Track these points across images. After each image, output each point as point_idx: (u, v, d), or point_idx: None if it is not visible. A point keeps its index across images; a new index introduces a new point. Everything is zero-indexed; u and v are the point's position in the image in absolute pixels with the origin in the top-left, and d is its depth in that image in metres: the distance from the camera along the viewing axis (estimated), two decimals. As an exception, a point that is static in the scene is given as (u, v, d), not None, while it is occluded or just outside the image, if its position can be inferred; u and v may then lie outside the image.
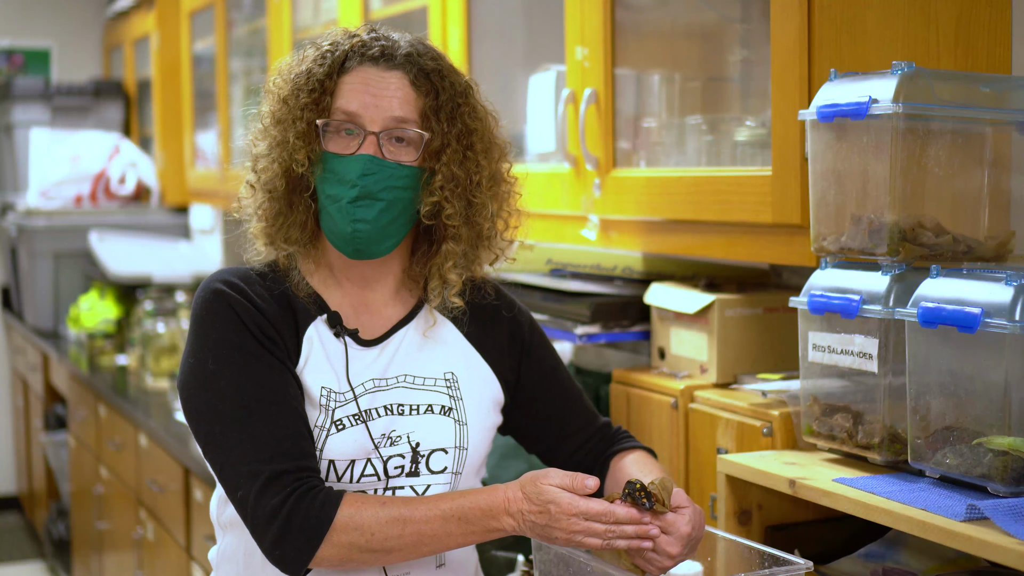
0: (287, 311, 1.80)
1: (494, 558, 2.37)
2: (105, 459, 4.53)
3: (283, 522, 1.66)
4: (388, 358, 1.83)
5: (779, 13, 1.96)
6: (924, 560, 1.87)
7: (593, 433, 1.97)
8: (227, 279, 1.80)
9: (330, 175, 1.76)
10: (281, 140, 1.79)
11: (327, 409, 1.77)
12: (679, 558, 1.65)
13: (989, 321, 1.57)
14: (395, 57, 1.78)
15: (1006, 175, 1.87)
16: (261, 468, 1.68)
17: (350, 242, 1.77)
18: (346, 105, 1.76)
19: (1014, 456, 1.59)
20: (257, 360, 1.74)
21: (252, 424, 1.70)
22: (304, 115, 1.77)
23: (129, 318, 5.04)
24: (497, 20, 3.11)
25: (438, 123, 1.78)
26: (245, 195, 1.86)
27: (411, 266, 1.89)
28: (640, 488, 1.63)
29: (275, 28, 4.18)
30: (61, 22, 6.89)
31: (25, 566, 5.90)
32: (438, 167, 1.79)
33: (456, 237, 1.82)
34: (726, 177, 2.12)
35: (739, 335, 2.24)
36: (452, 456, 1.82)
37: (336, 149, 1.76)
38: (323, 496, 1.68)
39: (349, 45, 1.80)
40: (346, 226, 1.76)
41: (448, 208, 1.79)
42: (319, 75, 1.77)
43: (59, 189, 5.69)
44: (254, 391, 1.72)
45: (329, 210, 1.77)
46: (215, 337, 1.75)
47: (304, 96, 1.77)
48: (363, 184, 1.74)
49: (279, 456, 1.69)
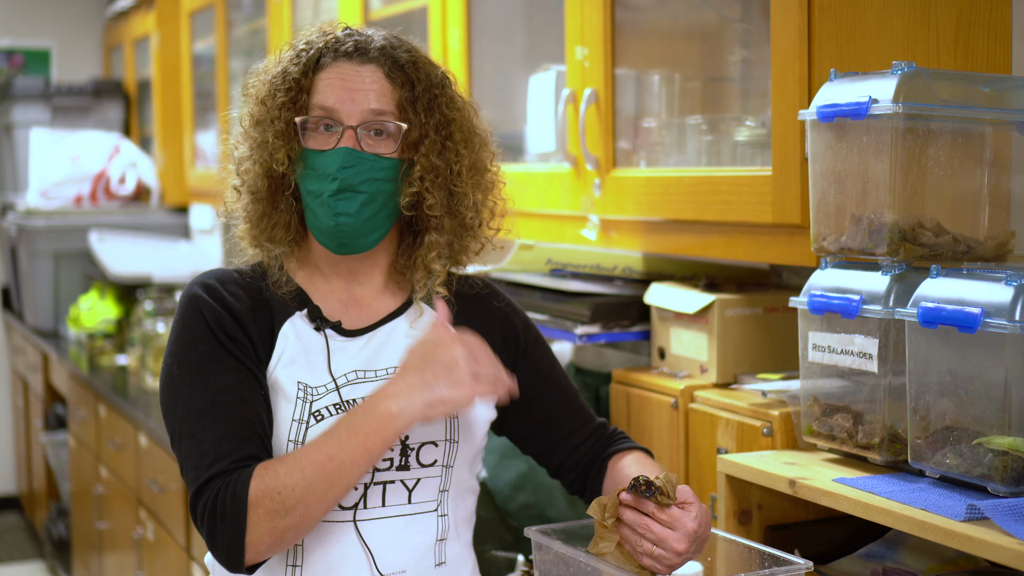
0: (262, 309, 1.81)
1: (494, 558, 2.37)
2: (105, 459, 4.53)
3: (209, 521, 1.68)
4: (375, 349, 1.83)
5: (779, 13, 1.96)
6: (924, 560, 1.87)
7: (590, 434, 1.96)
8: (204, 281, 1.82)
9: (310, 171, 1.78)
10: (261, 141, 1.80)
11: (304, 402, 1.77)
12: (686, 556, 1.65)
13: (989, 321, 1.57)
14: (369, 51, 1.80)
15: (1006, 175, 1.88)
16: (201, 473, 1.70)
17: (334, 236, 1.78)
18: (323, 101, 1.78)
19: (1014, 456, 1.59)
20: (215, 363, 1.75)
21: (201, 428, 1.72)
22: (282, 114, 1.78)
23: (129, 318, 5.04)
24: (497, 20, 3.11)
25: (415, 114, 1.80)
26: (231, 198, 1.88)
27: (398, 259, 1.90)
28: (645, 481, 1.63)
29: (275, 28, 4.18)
30: (61, 22, 6.89)
31: (25, 566, 5.90)
32: (417, 158, 1.80)
33: (439, 228, 1.84)
34: (726, 177, 2.12)
35: (739, 335, 2.24)
36: (442, 449, 1.82)
37: (315, 145, 1.78)
38: (235, 479, 1.67)
39: (323, 43, 1.81)
40: (329, 220, 1.77)
41: (429, 198, 1.81)
42: (294, 74, 1.79)
43: (59, 189, 5.69)
44: (208, 395, 1.74)
45: (311, 206, 1.79)
46: (182, 341, 1.78)
47: (281, 95, 1.79)
48: (343, 177, 1.76)
49: (220, 459, 1.70)
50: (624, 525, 1.66)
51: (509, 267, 2.63)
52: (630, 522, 1.65)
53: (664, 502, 1.63)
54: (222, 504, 1.66)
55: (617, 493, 1.66)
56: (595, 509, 1.68)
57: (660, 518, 1.64)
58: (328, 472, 1.65)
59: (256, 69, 1.87)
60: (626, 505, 1.66)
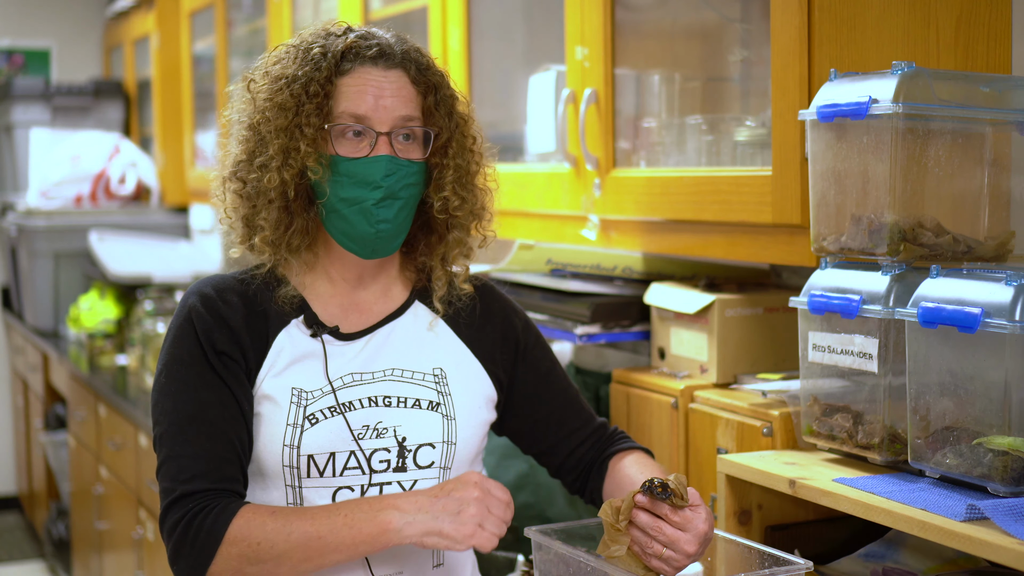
0: (258, 318, 1.81)
1: (494, 558, 2.37)
2: (105, 459, 4.53)
3: (178, 538, 1.69)
4: (373, 351, 1.83)
5: (779, 13, 1.96)
6: (924, 560, 1.87)
7: (590, 434, 1.96)
8: (201, 290, 1.82)
9: (344, 179, 1.76)
10: (285, 147, 1.77)
11: (299, 406, 1.77)
12: (694, 557, 1.64)
13: (989, 321, 1.57)
14: (394, 56, 1.80)
15: (1006, 175, 1.87)
16: (175, 486, 1.71)
17: (370, 243, 1.78)
18: (353, 108, 1.76)
19: (1014, 456, 1.59)
20: (199, 378, 1.76)
21: (181, 441, 1.73)
22: (311, 120, 1.76)
23: (129, 318, 5.04)
24: (497, 20, 3.11)
25: (440, 118, 1.82)
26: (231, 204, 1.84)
27: (406, 261, 1.90)
28: (660, 483, 1.63)
29: (275, 28, 4.18)
30: (61, 22, 6.88)
31: (25, 566, 5.90)
32: (447, 161, 1.82)
33: (461, 226, 1.87)
34: (726, 177, 2.12)
35: (739, 335, 2.24)
36: (440, 451, 1.82)
37: (347, 152, 1.76)
38: (219, 510, 1.68)
39: (342, 46, 1.79)
40: (368, 227, 1.77)
41: (455, 200, 1.83)
42: (319, 79, 1.77)
43: (59, 189, 5.69)
44: (190, 410, 1.75)
45: (344, 213, 1.77)
46: (172, 351, 1.79)
47: (307, 102, 1.77)
48: (387, 184, 1.76)
49: (196, 477, 1.71)
50: (634, 527, 1.65)
51: (509, 267, 2.63)
52: (643, 525, 1.64)
53: (679, 504, 1.63)
54: (196, 529, 1.67)
55: (632, 495, 1.65)
56: (607, 512, 1.67)
57: (673, 520, 1.63)
58: (311, 549, 1.66)
59: (256, 71, 1.84)
60: (640, 507, 1.65)
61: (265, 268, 1.85)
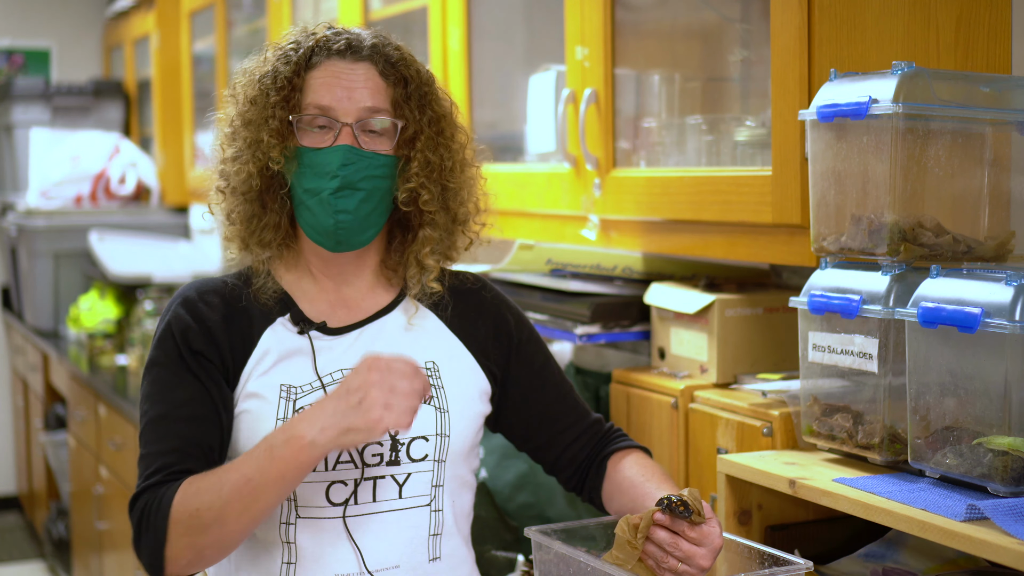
0: (239, 317, 1.82)
1: (494, 558, 2.37)
2: (105, 459, 4.53)
3: (135, 531, 1.70)
4: (364, 347, 1.83)
5: (779, 13, 1.96)
6: (924, 560, 1.87)
7: (585, 430, 1.96)
8: (184, 293, 1.84)
9: (307, 169, 1.78)
10: (253, 140, 1.80)
11: (288, 400, 1.78)
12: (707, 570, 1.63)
13: (989, 321, 1.57)
14: (362, 49, 1.81)
15: (1006, 175, 1.87)
16: (141, 481, 1.72)
17: (332, 234, 1.78)
18: (318, 99, 1.78)
19: (1014, 456, 1.59)
20: (174, 378, 1.77)
21: (153, 439, 1.75)
22: (276, 113, 1.79)
23: (129, 318, 5.04)
24: (497, 20, 3.11)
25: (410, 111, 1.81)
26: (215, 200, 1.87)
27: (388, 256, 1.91)
28: (680, 501, 1.62)
29: (275, 28, 4.18)
30: (61, 22, 6.88)
31: (25, 566, 5.90)
32: (413, 154, 1.82)
33: (433, 223, 1.85)
34: (726, 177, 2.12)
35: (739, 335, 2.24)
36: (433, 444, 1.82)
37: (311, 143, 1.78)
38: (162, 493, 1.68)
39: (313, 42, 1.82)
40: (328, 218, 1.77)
41: (424, 194, 1.82)
42: (286, 72, 1.80)
43: (59, 189, 5.69)
44: (163, 410, 1.76)
45: (308, 204, 1.79)
46: (153, 354, 1.81)
47: (274, 95, 1.79)
48: (343, 175, 1.76)
49: (159, 471, 1.72)
50: (649, 542, 1.64)
51: (509, 267, 2.63)
52: (660, 541, 1.62)
53: (698, 520, 1.62)
54: (147, 518, 1.68)
55: (651, 514, 1.63)
56: (624, 528, 1.65)
57: (690, 536, 1.61)
58: (244, 494, 1.64)
59: (242, 69, 1.88)
60: (659, 525, 1.64)
61: (253, 267, 1.87)
